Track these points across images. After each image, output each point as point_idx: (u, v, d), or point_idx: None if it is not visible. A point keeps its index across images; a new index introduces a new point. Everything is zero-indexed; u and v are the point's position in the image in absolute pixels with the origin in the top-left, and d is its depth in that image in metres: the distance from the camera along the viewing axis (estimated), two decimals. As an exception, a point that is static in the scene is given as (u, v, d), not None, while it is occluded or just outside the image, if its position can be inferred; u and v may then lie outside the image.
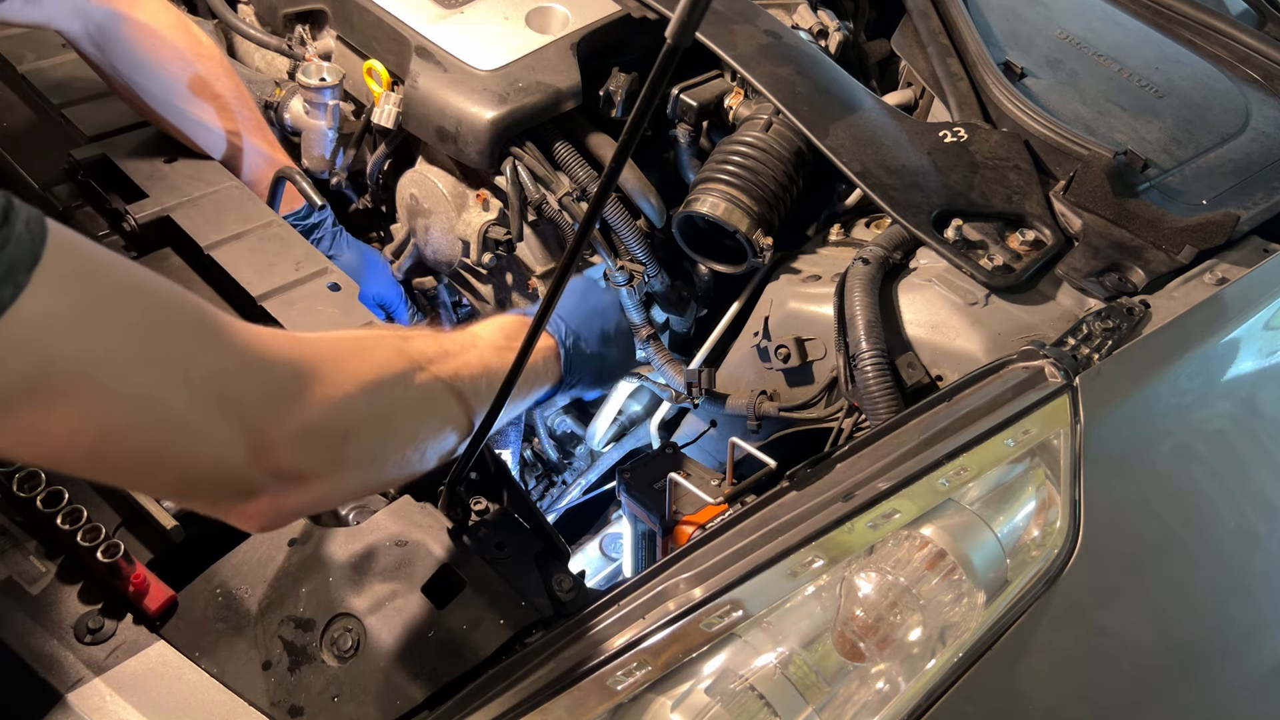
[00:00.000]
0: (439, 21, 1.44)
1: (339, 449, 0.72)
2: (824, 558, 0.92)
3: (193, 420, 0.63)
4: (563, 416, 1.84)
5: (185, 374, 0.62)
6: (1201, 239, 1.27)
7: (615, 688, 0.84)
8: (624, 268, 1.46)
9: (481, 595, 0.93)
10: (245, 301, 1.12)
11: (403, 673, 0.87)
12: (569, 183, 1.40)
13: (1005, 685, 0.95)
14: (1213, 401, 1.20)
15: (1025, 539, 0.99)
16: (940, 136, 1.39)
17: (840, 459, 1.02)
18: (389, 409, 0.77)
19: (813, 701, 0.86)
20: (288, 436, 0.68)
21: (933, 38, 1.58)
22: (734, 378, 1.44)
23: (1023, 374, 1.07)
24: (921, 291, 1.25)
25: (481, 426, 0.89)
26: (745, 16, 1.48)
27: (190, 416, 0.62)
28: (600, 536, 1.81)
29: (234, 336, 0.66)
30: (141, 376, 0.60)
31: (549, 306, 0.78)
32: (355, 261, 1.41)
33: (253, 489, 0.68)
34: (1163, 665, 1.09)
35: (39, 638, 0.85)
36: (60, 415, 0.57)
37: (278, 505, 0.71)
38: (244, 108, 1.35)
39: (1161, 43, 1.74)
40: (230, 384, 0.64)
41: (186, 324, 0.63)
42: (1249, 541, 1.18)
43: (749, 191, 1.34)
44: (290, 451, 0.68)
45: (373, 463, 0.78)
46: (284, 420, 0.67)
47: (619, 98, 1.44)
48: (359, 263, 1.42)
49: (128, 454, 0.62)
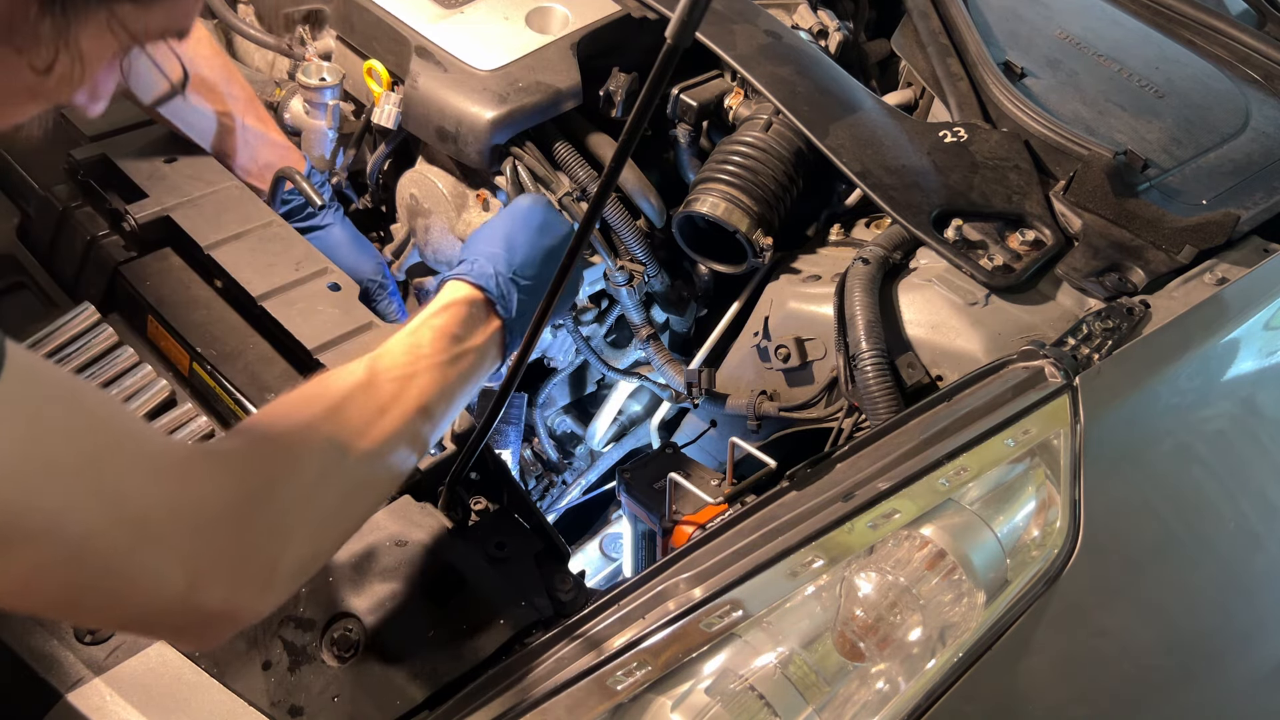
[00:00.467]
0: (439, 21, 1.44)
1: (272, 575, 0.72)
2: (824, 558, 0.92)
3: (131, 560, 0.63)
4: (563, 416, 1.84)
5: (123, 514, 0.62)
6: (1201, 239, 1.27)
7: (615, 688, 0.84)
8: (624, 268, 1.46)
9: (481, 595, 0.93)
10: (245, 301, 1.12)
11: (403, 673, 0.87)
12: (569, 183, 1.40)
13: (1005, 685, 0.95)
14: (1213, 401, 1.20)
15: (1025, 539, 0.99)
16: (940, 136, 1.39)
17: (840, 459, 1.02)
18: (323, 514, 0.76)
19: (813, 701, 0.86)
20: (222, 577, 0.68)
21: (933, 38, 1.58)
22: (734, 378, 1.44)
23: (1023, 374, 1.07)
24: (921, 291, 1.25)
25: (483, 425, 0.89)
26: (745, 16, 1.48)
27: (128, 557, 0.63)
28: (600, 536, 1.81)
29: (173, 468, 0.66)
30: (80, 521, 0.60)
31: (541, 323, 0.78)
32: (346, 235, 1.38)
33: (189, 622, 0.69)
34: (1163, 665, 1.09)
35: (39, 638, 0.85)
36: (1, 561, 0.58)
37: (213, 633, 0.72)
38: (234, 87, 1.33)
39: (1161, 43, 1.74)
40: (166, 525, 0.64)
41: (128, 458, 0.63)
42: (1249, 541, 1.18)
43: (749, 191, 1.34)
44: (224, 591, 0.68)
45: (309, 565, 0.78)
46: (217, 560, 0.67)
47: (619, 98, 1.44)
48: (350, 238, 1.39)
49: (53, 594, 0.63)
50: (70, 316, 1.06)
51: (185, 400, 1.05)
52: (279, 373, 1.08)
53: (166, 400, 1.03)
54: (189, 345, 1.08)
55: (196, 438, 1.00)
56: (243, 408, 1.04)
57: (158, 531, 0.64)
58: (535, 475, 1.84)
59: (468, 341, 0.91)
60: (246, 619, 0.72)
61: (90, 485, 0.60)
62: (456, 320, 0.91)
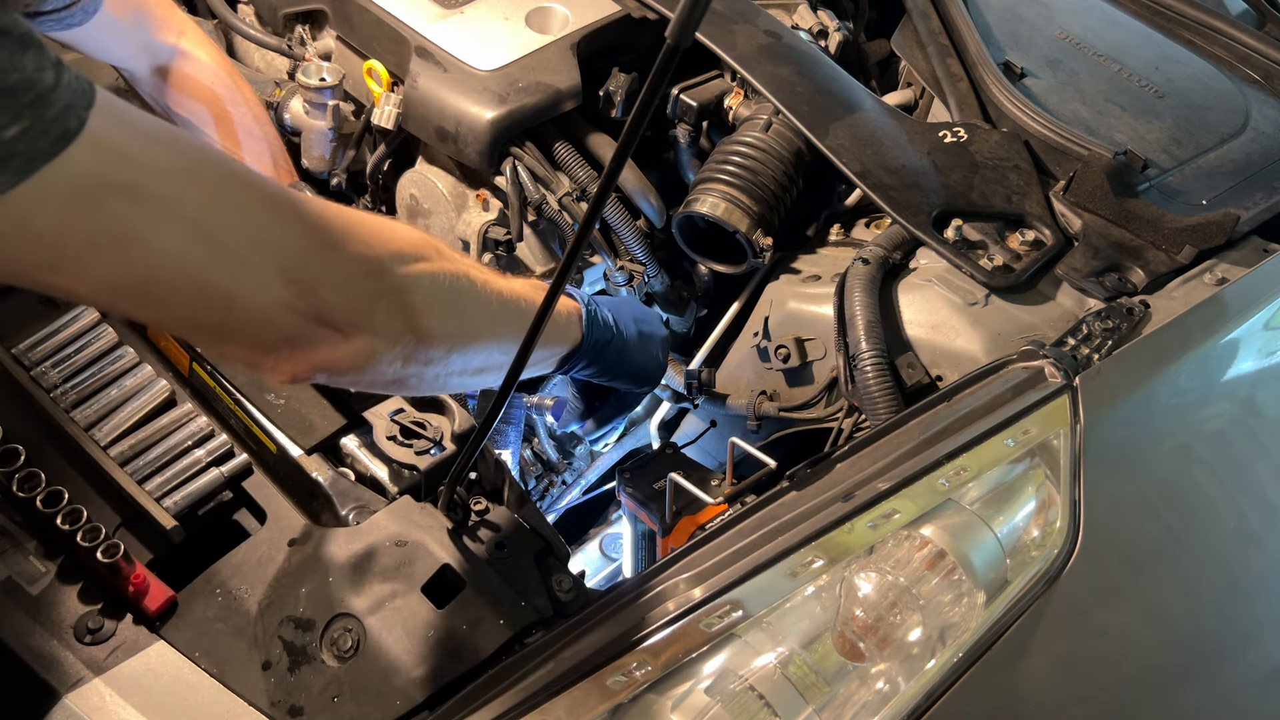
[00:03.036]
0: (439, 21, 1.44)
1: (377, 302, 0.74)
2: (824, 558, 0.92)
3: (237, 255, 0.66)
4: (563, 416, 1.84)
5: (229, 211, 0.66)
6: (1201, 239, 1.27)
7: (615, 688, 0.84)
8: (624, 268, 1.46)
9: (481, 595, 0.93)
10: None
11: (403, 673, 0.87)
12: (569, 183, 1.40)
13: (1005, 685, 0.95)
14: (1213, 401, 1.20)
15: (1025, 539, 0.99)
16: (940, 136, 1.39)
17: (840, 459, 1.02)
18: (430, 282, 0.79)
19: (813, 701, 0.86)
20: (329, 279, 0.71)
21: (933, 38, 1.58)
22: (734, 378, 1.44)
23: (1023, 374, 1.07)
24: (921, 291, 1.25)
25: (483, 425, 0.89)
26: (745, 16, 1.48)
27: (235, 252, 0.66)
28: (600, 536, 1.81)
29: (271, 183, 0.70)
30: (190, 205, 0.64)
31: (555, 294, 0.78)
32: None
33: (291, 334, 0.71)
34: (1163, 665, 1.09)
35: (39, 638, 0.85)
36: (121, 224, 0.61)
37: (314, 356, 0.73)
38: (282, 158, 1.41)
39: (1161, 43, 1.74)
40: (273, 227, 0.68)
41: (224, 168, 0.67)
42: (1249, 542, 1.18)
43: (749, 191, 1.34)
44: (331, 294, 0.71)
45: (409, 335, 0.79)
46: (325, 264, 0.71)
47: (619, 98, 1.44)
48: None
49: (174, 283, 0.65)
50: (70, 316, 1.06)
51: (185, 400, 1.05)
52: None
53: (166, 400, 1.03)
54: (189, 345, 1.08)
55: (197, 438, 1.00)
56: (243, 408, 1.04)
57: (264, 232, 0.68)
58: (535, 475, 1.84)
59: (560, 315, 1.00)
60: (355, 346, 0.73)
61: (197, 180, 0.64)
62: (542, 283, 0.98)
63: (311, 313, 0.71)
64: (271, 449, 1.03)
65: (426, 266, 0.80)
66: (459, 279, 0.84)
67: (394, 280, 0.76)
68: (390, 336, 0.77)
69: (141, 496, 0.94)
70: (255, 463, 1.02)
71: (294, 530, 0.96)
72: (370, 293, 0.75)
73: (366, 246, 0.74)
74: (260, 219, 0.68)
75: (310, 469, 1.01)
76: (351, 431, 1.05)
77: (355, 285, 0.73)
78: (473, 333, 0.86)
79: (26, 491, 0.88)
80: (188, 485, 0.96)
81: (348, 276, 0.73)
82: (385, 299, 0.76)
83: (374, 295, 0.75)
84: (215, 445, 1.00)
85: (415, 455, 1.03)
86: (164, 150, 0.64)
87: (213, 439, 1.01)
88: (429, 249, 0.81)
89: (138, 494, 0.94)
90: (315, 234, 0.71)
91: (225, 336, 0.73)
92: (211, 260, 0.66)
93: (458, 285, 0.83)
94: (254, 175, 0.69)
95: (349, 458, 1.04)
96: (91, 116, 0.59)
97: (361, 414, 1.06)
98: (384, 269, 0.76)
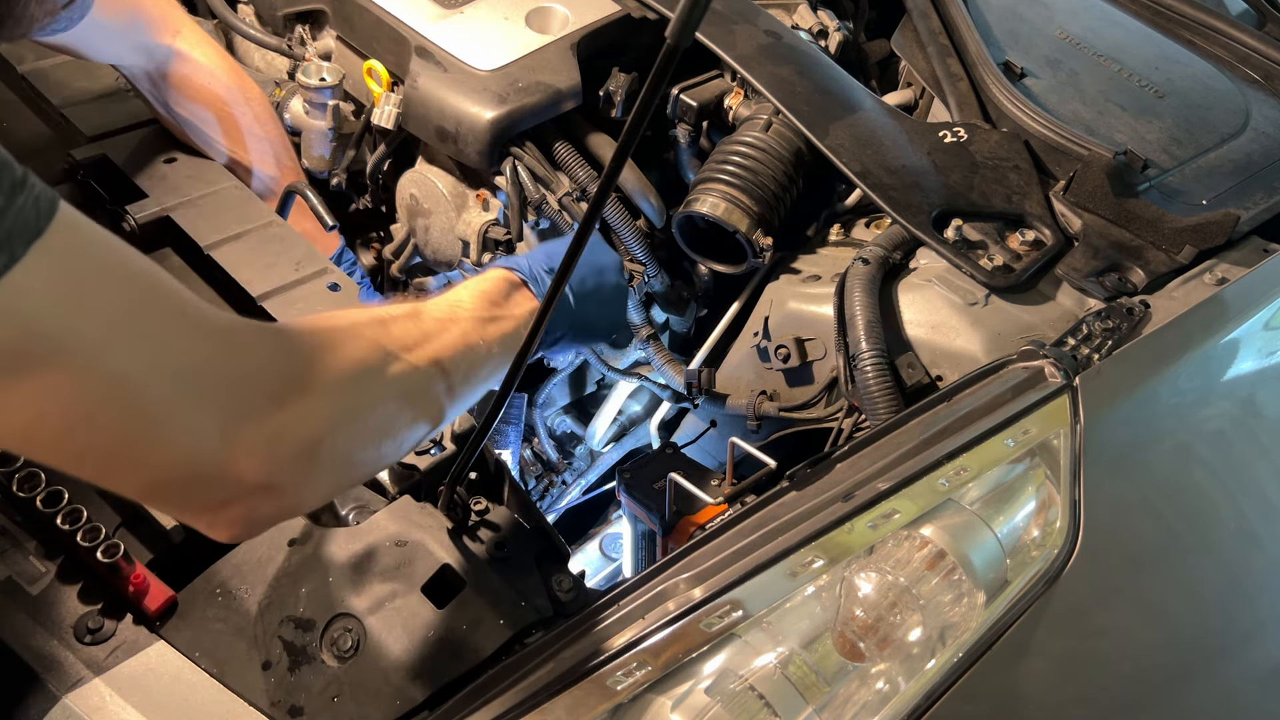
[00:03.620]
0: (439, 21, 1.44)
1: (311, 456, 0.70)
2: (824, 558, 0.92)
3: (166, 412, 0.62)
4: (563, 416, 1.84)
5: (163, 363, 0.61)
6: (1201, 239, 1.27)
7: (615, 688, 0.84)
8: (624, 268, 1.46)
9: (481, 595, 0.93)
10: (245, 301, 1.12)
11: (403, 673, 0.87)
12: (569, 183, 1.40)
13: (1005, 685, 0.95)
14: (1213, 401, 1.20)
15: (1025, 539, 0.99)
16: (940, 136, 1.39)
17: (840, 459, 1.02)
18: (363, 410, 0.75)
19: (813, 701, 0.86)
20: (259, 444, 0.66)
21: (933, 38, 1.58)
22: (734, 378, 1.44)
23: (1023, 374, 1.07)
24: (921, 291, 1.25)
25: (483, 425, 0.89)
26: (745, 16, 1.48)
27: (164, 408, 0.62)
28: (600, 536, 1.81)
29: (216, 331, 0.65)
30: (119, 359, 0.59)
31: (548, 309, 0.78)
32: None
33: (222, 495, 0.67)
34: (1163, 665, 1.09)
35: (39, 638, 0.85)
36: (34, 387, 0.57)
37: (248, 514, 0.69)
38: (286, 155, 1.39)
39: (1161, 43, 1.74)
40: (206, 381, 0.64)
41: (171, 313, 0.63)
42: (1249, 541, 1.18)
43: (749, 191, 1.34)
44: (261, 460, 0.66)
45: (346, 464, 0.76)
46: (257, 426, 0.66)
47: (619, 98, 1.44)
48: None
49: (96, 441, 0.61)
50: (70, 316, 1.06)
51: (185, 400, 1.05)
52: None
53: (166, 400, 1.03)
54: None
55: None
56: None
57: (197, 386, 0.63)
58: (535, 475, 1.84)
59: (505, 308, 0.94)
60: (285, 504, 0.70)
61: (133, 328, 0.60)
62: (496, 289, 0.95)
63: (241, 479, 0.66)
64: (271, 449, 1.03)
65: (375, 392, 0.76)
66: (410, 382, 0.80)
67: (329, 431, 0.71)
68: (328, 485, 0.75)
69: (141, 496, 0.94)
70: (255, 463, 1.02)
71: (294, 530, 0.96)
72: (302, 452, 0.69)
73: (307, 393, 0.69)
74: (195, 369, 0.63)
75: (310, 469, 1.01)
76: (351, 431, 1.05)
77: (285, 450, 0.68)
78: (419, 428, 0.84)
79: (26, 491, 0.88)
80: (188, 485, 0.96)
81: (277, 440, 0.67)
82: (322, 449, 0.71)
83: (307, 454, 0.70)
84: (215, 445, 1.00)
85: (415, 455, 1.03)
86: (104, 295, 0.59)
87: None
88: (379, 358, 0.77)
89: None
90: (250, 387, 0.66)
91: (150, 494, 0.70)
92: (135, 418, 0.61)
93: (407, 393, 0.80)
94: (198, 314, 0.64)
95: (349, 458, 1.04)
96: (31, 252, 0.55)
97: (361, 414, 1.06)
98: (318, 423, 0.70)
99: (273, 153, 1.37)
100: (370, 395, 0.76)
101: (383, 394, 0.77)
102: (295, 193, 1.32)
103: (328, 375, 0.71)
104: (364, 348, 0.76)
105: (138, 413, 0.61)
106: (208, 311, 0.66)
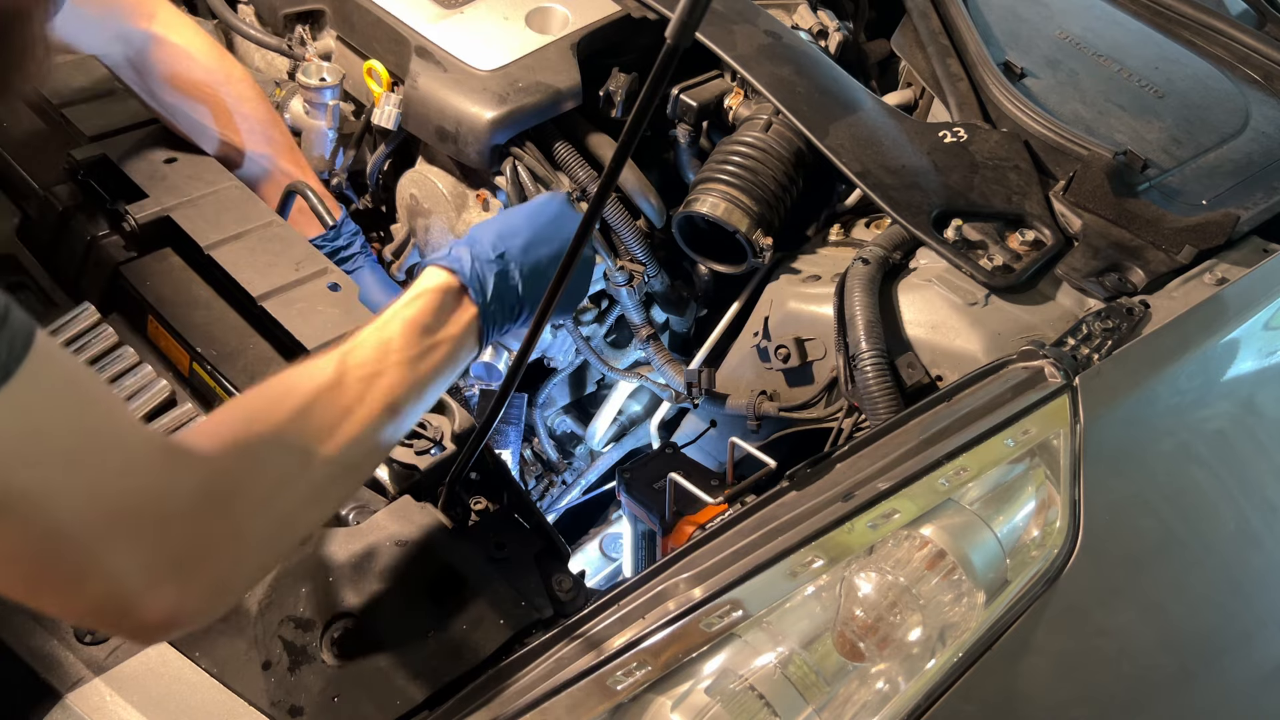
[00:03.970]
0: (439, 21, 1.44)
1: (221, 587, 0.73)
2: (824, 558, 0.92)
3: (93, 550, 0.63)
4: (563, 416, 1.84)
5: (99, 506, 0.63)
6: (1201, 239, 1.27)
7: (615, 688, 0.84)
8: (624, 268, 1.46)
9: (481, 595, 0.93)
10: (245, 301, 1.12)
11: (403, 673, 0.87)
12: (569, 183, 1.40)
13: (1005, 685, 0.95)
14: (1212, 401, 1.21)
15: (1025, 539, 0.99)
16: (940, 136, 1.39)
17: (840, 459, 1.02)
18: (281, 528, 0.77)
19: (813, 701, 0.86)
20: (170, 585, 0.67)
21: (933, 38, 1.58)
22: (734, 378, 1.44)
23: (1023, 374, 1.07)
24: (921, 291, 1.25)
25: (483, 425, 0.89)
26: (745, 16, 1.48)
27: (91, 547, 0.63)
28: (600, 536, 1.81)
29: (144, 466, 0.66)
30: (61, 506, 0.61)
31: (542, 321, 0.78)
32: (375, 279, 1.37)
33: (133, 624, 0.69)
34: (1163, 665, 1.09)
35: (39, 638, 0.85)
36: None
37: (148, 637, 0.75)
38: (275, 131, 1.36)
39: (1161, 43, 1.74)
40: (138, 523, 0.65)
41: (114, 450, 0.64)
42: (1249, 541, 1.18)
43: (749, 191, 1.34)
44: (171, 599, 0.68)
45: (254, 580, 0.83)
46: (171, 567, 0.67)
47: (619, 98, 1.44)
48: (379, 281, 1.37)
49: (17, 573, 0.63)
50: (70, 316, 1.06)
51: (185, 400, 1.05)
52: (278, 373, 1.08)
53: (166, 400, 1.03)
54: (189, 345, 1.08)
55: (196, 438, 1.00)
56: (243, 408, 1.04)
57: (125, 526, 0.64)
58: (535, 475, 1.84)
59: (439, 333, 0.89)
60: (188, 624, 0.71)
61: (74, 475, 0.62)
62: (429, 310, 0.89)
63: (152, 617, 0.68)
64: (271, 449, 1.03)
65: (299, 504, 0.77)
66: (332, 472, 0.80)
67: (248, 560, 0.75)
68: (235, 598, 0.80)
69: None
70: (255, 463, 1.02)
71: (294, 530, 0.96)
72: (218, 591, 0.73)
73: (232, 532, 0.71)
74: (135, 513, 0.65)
75: (310, 469, 1.01)
76: (351, 431, 1.05)
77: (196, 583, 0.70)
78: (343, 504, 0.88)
79: (26, 491, 0.88)
80: (188, 485, 0.96)
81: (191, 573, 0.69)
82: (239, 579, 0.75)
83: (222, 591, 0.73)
84: (215, 445, 0.99)
85: (415, 455, 1.02)
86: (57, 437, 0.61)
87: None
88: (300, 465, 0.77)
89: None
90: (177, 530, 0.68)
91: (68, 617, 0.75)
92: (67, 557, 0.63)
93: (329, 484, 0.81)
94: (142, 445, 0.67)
95: (349, 458, 1.04)
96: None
97: (361, 414, 1.06)
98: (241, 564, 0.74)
99: (261, 131, 1.34)
100: (288, 504, 0.76)
101: (301, 499, 0.78)
102: (296, 192, 1.32)
103: (245, 501, 0.72)
104: (281, 456, 0.76)
105: (70, 552, 0.63)
106: (142, 439, 0.68)
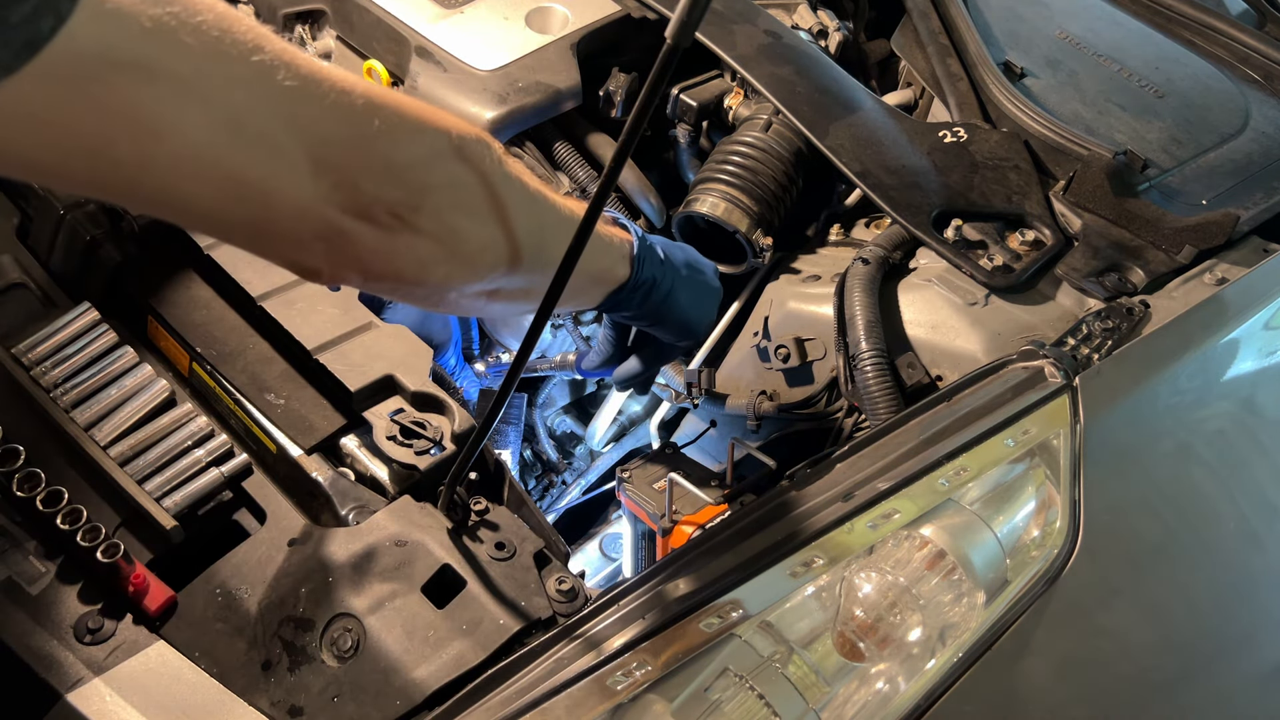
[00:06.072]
0: (439, 21, 1.44)
1: (424, 197, 0.70)
2: (824, 558, 0.92)
3: (265, 141, 0.61)
4: (563, 416, 1.84)
5: (255, 92, 0.60)
6: (1201, 239, 1.27)
7: (615, 688, 0.84)
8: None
9: (481, 595, 0.93)
10: (245, 301, 1.12)
11: (403, 673, 0.87)
12: (569, 183, 1.40)
13: (1005, 685, 0.95)
14: (1212, 401, 1.20)
15: (1025, 539, 0.99)
16: (940, 136, 1.39)
17: (840, 459, 1.02)
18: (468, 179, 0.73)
19: (813, 701, 0.86)
20: (369, 169, 0.66)
21: (933, 38, 1.58)
22: (734, 378, 1.44)
23: (1023, 374, 1.07)
24: (921, 291, 1.25)
25: (483, 425, 0.89)
26: (745, 16, 1.48)
27: (263, 137, 0.61)
28: (600, 536, 1.81)
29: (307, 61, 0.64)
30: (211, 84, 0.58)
31: (542, 321, 0.77)
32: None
33: (326, 230, 0.66)
34: (1163, 665, 1.09)
35: (39, 638, 0.85)
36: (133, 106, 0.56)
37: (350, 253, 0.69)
38: None
39: (1161, 43, 1.74)
40: (306, 110, 0.63)
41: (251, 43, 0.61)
42: (1249, 542, 1.18)
43: (749, 191, 1.34)
44: (371, 185, 0.66)
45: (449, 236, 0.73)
46: (365, 152, 0.66)
47: (619, 98, 1.44)
48: None
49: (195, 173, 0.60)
50: (70, 316, 1.06)
51: (185, 400, 1.05)
52: (279, 373, 1.08)
53: (166, 400, 1.03)
54: (189, 345, 1.08)
55: (197, 438, 1.00)
56: (242, 408, 1.04)
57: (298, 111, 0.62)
58: (535, 475, 1.84)
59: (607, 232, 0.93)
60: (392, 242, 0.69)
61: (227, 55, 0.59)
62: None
63: (349, 206, 0.66)
64: (271, 449, 1.03)
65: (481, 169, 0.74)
66: (513, 182, 0.78)
67: (444, 174, 0.71)
68: (434, 236, 0.72)
69: (141, 497, 0.94)
70: (255, 463, 1.02)
71: (294, 530, 0.96)
72: (416, 186, 0.69)
73: (416, 133, 0.69)
74: (291, 100, 0.62)
75: (310, 469, 1.01)
76: (351, 431, 1.05)
77: (399, 176, 0.68)
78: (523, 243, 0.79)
79: (26, 491, 0.88)
80: (188, 485, 0.96)
81: (390, 166, 0.67)
82: (433, 194, 0.70)
83: (420, 190, 0.69)
84: (215, 445, 1.00)
85: (415, 455, 1.03)
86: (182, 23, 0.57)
87: (213, 439, 1.00)
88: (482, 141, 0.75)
89: (138, 494, 0.94)
90: (355, 118, 0.65)
91: (257, 234, 0.67)
92: (236, 147, 0.60)
93: (512, 186, 0.77)
94: (286, 51, 0.62)
95: (349, 458, 1.04)
96: None
97: (361, 414, 1.06)
98: (432, 160, 0.70)
99: None
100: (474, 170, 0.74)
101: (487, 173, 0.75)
102: None
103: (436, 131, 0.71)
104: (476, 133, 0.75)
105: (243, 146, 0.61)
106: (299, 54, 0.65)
